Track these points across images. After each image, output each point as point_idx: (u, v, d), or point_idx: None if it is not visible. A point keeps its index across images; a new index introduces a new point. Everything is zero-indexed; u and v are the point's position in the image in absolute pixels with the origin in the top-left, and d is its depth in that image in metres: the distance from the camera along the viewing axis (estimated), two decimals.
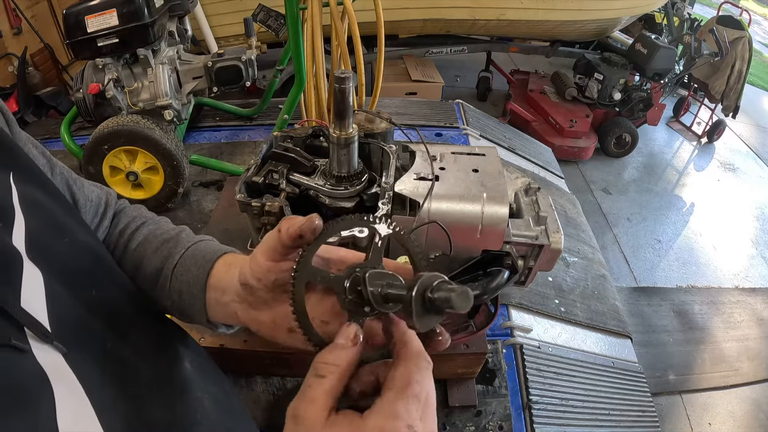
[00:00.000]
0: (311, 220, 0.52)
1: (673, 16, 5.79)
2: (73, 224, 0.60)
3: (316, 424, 0.46)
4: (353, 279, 0.52)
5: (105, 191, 0.78)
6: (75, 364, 0.45)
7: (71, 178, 0.72)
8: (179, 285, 0.68)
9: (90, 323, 0.53)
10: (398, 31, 5.31)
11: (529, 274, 1.22)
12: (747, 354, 3.54)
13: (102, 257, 0.64)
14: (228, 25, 4.32)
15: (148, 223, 0.77)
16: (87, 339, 0.51)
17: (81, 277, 0.56)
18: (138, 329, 0.62)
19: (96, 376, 0.48)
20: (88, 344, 0.50)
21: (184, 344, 0.72)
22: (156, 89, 2.00)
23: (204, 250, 0.69)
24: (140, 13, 1.86)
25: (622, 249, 4.45)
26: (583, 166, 5.45)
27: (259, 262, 0.57)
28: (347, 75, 0.97)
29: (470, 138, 2.53)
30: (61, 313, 0.48)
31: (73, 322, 0.50)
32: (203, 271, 0.66)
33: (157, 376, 0.60)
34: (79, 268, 0.57)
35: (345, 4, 1.66)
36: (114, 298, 0.61)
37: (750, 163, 6.06)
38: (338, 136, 1.03)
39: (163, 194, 2.03)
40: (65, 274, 0.53)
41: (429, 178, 1.11)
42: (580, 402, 1.55)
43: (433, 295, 0.45)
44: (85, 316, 0.53)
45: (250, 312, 0.62)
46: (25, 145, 0.63)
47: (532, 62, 6.79)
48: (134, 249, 0.73)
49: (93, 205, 0.74)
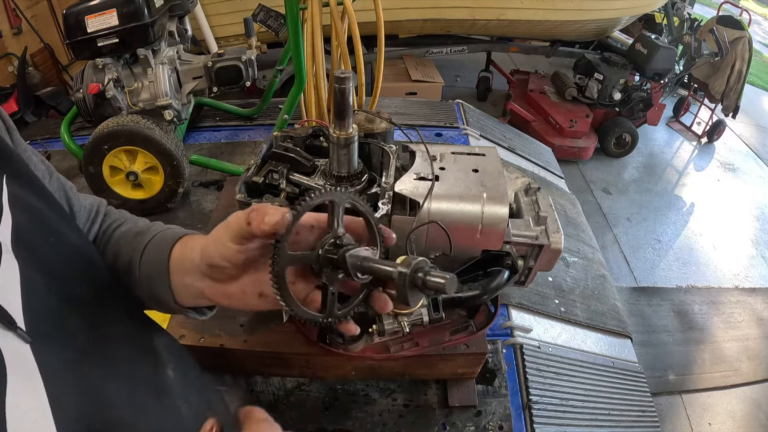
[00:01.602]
0: (284, 218, 0.54)
1: (673, 16, 5.78)
2: (64, 227, 0.61)
3: None
4: (332, 259, 0.58)
5: (98, 200, 0.81)
6: (40, 356, 0.46)
7: (68, 186, 0.74)
8: (146, 271, 0.70)
9: (65, 319, 0.54)
10: (398, 31, 5.31)
11: (529, 274, 1.22)
12: (747, 354, 3.54)
13: (91, 259, 0.65)
14: (228, 25, 4.32)
15: (127, 221, 0.80)
16: (59, 334, 0.52)
17: (64, 274, 0.57)
18: (119, 331, 0.64)
19: (61, 371, 0.48)
20: (59, 339, 0.51)
21: (171, 351, 0.74)
22: (156, 89, 2.00)
23: (166, 236, 0.72)
24: (140, 13, 1.86)
25: (622, 249, 4.45)
26: (583, 166, 5.44)
27: (227, 246, 0.59)
28: (347, 75, 0.97)
29: (470, 138, 2.53)
30: (35, 306, 0.49)
31: (46, 316, 0.50)
32: (164, 255, 0.69)
33: (132, 377, 0.61)
34: (63, 266, 0.57)
35: (345, 4, 1.66)
36: (97, 299, 0.61)
37: (750, 163, 6.05)
38: (338, 136, 1.03)
39: (163, 194, 2.03)
40: (47, 270, 0.54)
41: (429, 178, 1.11)
42: (580, 402, 1.55)
43: (426, 277, 0.51)
44: (62, 312, 0.53)
45: (217, 287, 0.65)
46: (25, 152, 0.64)
47: (532, 62, 6.78)
48: (113, 244, 0.76)
49: (86, 211, 0.77)
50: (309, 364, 1.30)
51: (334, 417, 1.34)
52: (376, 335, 1.07)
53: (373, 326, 1.04)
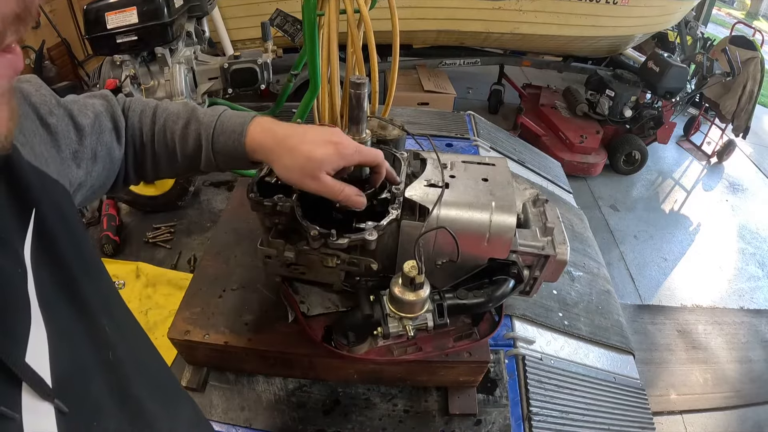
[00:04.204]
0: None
1: (686, 35, 5.80)
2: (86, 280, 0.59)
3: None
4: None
5: (95, 112, 0.83)
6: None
7: (74, 110, 0.77)
8: (222, 159, 0.89)
9: (92, 383, 0.53)
10: (412, 41, 5.34)
11: (534, 284, 1.22)
12: (750, 376, 3.52)
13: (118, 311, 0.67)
14: (245, 29, 4.36)
15: (156, 112, 0.91)
16: (88, 398, 0.52)
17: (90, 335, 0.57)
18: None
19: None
20: (88, 404, 0.51)
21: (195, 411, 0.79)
22: (172, 88, 2.02)
23: (228, 125, 0.87)
24: (160, 12, 1.89)
25: (627, 266, 4.44)
26: (591, 182, 5.45)
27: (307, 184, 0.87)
28: (363, 81, 0.98)
29: (480, 149, 2.54)
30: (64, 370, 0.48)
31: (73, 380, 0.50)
32: (239, 144, 0.86)
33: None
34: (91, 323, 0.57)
35: (362, 12, 1.68)
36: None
37: (758, 183, 6.04)
38: None
39: (173, 192, 2.05)
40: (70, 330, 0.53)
41: (439, 185, 1.12)
42: (580, 416, 1.55)
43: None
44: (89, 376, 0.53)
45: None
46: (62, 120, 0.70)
47: (545, 77, 6.81)
48: (160, 138, 0.89)
49: (90, 127, 0.80)
50: (312, 365, 1.31)
51: (334, 419, 1.35)
52: (381, 338, 1.08)
53: (378, 329, 1.05)
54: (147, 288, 1.79)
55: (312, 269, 1.14)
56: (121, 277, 1.81)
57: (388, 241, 1.10)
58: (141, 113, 0.87)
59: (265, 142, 0.85)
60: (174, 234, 2.01)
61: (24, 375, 0.42)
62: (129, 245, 1.98)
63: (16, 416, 0.41)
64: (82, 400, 0.50)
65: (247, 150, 0.86)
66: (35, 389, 0.43)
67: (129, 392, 0.58)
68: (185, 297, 1.34)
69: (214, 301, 1.33)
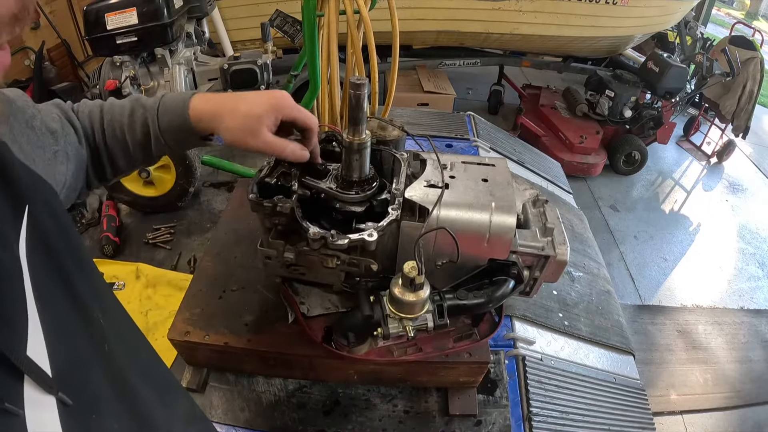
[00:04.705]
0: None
1: (685, 36, 5.79)
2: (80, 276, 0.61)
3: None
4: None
5: (56, 109, 0.86)
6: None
7: (50, 127, 0.79)
8: (171, 137, 0.90)
9: (90, 373, 0.54)
10: (412, 42, 5.34)
11: (534, 284, 1.22)
12: (750, 376, 3.52)
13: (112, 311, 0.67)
14: (245, 29, 4.36)
15: (103, 109, 0.91)
16: (87, 390, 0.52)
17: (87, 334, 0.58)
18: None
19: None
20: (88, 396, 0.52)
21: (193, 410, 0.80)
22: (172, 89, 2.03)
23: (170, 103, 0.89)
24: (160, 13, 1.89)
25: (627, 266, 4.44)
26: (591, 183, 5.44)
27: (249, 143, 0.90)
28: (363, 81, 0.98)
29: (480, 150, 2.54)
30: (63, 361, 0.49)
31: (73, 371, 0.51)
32: (184, 118, 0.88)
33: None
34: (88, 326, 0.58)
35: (361, 13, 1.68)
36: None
37: (758, 183, 6.04)
38: (351, 141, 1.04)
39: (174, 193, 2.05)
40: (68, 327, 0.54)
41: (439, 185, 1.12)
42: (580, 416, 1.55)
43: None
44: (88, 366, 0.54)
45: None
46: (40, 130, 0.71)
47: (544, 77, 6.80)
48: (110, 132, 0.89)
49: (60, 126, 0.82)
50: (312, 366, 1.31)
51: (334, 420, 1.35)
52: (381, 339, 1.07)
53: (378, 330, 1.05)
54: (147, 289, 1.79)
55: (312, 270, 1.14)
56: (121, 278, 1.81)
57: (388, 242, 1.09)
58: (90, 114, 0.89)
59: (207, 109, 0.88)
60: (174, 235, 2.01)
61: (27, 368, 0.43)
62: (129, 246, 1.98)
63: (20, 412, 0.41)
64: (83, 392, 0.50)
65: (192, 121, 0.88)
66: (39, 383, 0.43)
67: (125, 383, 0.59)
68: (185, 298, 1.34)
69: (214, 301, 1.33)
